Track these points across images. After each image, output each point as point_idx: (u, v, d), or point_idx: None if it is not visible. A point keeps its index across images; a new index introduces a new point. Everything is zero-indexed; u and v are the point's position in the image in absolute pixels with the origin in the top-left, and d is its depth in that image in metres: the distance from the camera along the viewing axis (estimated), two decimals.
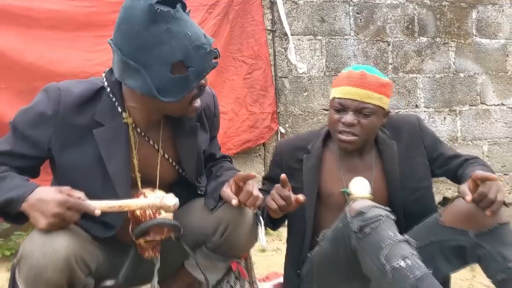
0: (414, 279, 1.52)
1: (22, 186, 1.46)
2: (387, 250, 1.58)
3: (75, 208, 1.42)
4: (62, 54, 2.71)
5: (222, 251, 1.75)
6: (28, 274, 1.41)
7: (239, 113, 3.49)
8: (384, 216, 1.66)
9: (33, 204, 1.41)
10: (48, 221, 1.39)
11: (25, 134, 1.55)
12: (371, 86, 1.89)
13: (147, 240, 1.59)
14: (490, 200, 1.64)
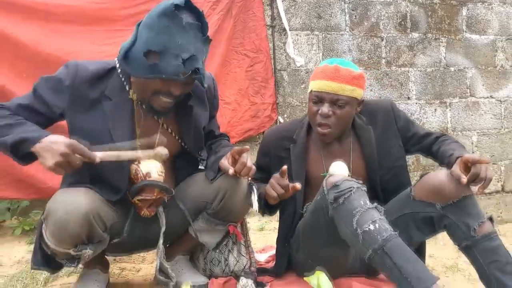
0: (382, 239, 1.74)
1: (38, 130, 1.70)
2: (358, 216, 1.80)
3: (79, 152, 1.63)
4: (77, 46, 2.93)
5: (220, 216, 1.99)
6: (53, 228, 1.68)
7: (242, 103, 3.65)
8: (355, 187, 1.87)
9: (45, 145, 1.63)
10: (55, 160, 1.60)
11: (43, 97, 1.81)
12: (344, 79, 2.05)
13: (141, 199, 1.84)
14: (482, 179, 1.83)
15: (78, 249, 1.72)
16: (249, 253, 2.25)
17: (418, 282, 1.65)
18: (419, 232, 2.06)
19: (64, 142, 1.63)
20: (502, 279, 1.85)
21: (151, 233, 1.99)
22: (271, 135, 2.34)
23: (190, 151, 2.04)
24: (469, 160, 1.88)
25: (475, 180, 1.86)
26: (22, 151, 1.70)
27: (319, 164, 2.21)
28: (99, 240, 1.79)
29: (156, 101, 1.83)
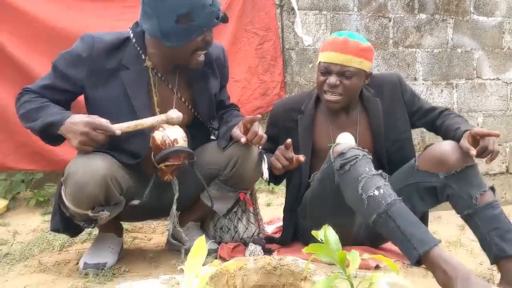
0: (386, 204, 1.80)
1: (60, 113, 1.81)
2: (364, 182, 1.86)
3: (99, 128, 1.74)
4: (91, 22, 2.99)
5: (232, 183, 2.07)
6: (72, 189, 1.75)
7: (251, 81, 3.70)
8: (361, 155, 1.93)
9: (67, 126, 1.75)
10: (78, 139, 1.73)
11: (63, 72, 1.90)
12: (352, 51, 2.11)
13: (167, 164, 1.91)
14: (490, 151, 1.92)
15: (96, 211, 1.80)
16: (257, 220, 2.32)
17: (420, 244, 1.72)
18: (423, 202, 2.11)
19: (82, 122, 1.75)
20: (502, 246, 1.91)
21: (164, 200, 2.06)
22: (279, 107, 2.41)
23: (202, 119, 2.11)
24: (479, 133, 1.94)
25: (484, 153, 1.93)
26: (51, 134, 1.83)
27: (326, 135, 2.27)
28: (116, 203, 1.86)
29: (194, 59, 1.93)
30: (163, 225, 2.92)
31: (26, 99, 1.90)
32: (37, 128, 1.82)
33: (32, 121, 1.84)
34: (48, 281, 1.91)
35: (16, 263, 2.17)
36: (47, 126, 1.80)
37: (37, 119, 1.82)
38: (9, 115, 2.83)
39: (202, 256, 1.30)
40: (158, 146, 1.89)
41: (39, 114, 1.83)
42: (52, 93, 1.91)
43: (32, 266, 2.11)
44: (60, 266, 2.11)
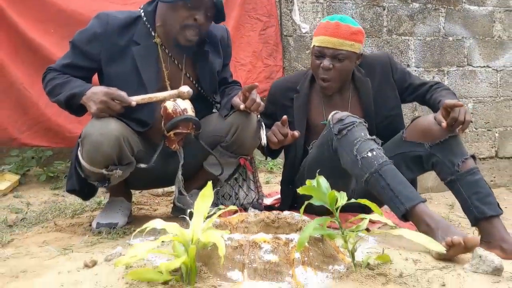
0: (378, 164, 1.97)
1: (82, 85, 2.01)
2: (359, 145, 2.03)
3: (117, 98, 1.94)
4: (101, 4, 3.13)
5: (233, 149, 2.23)
6: (89, 148, 1.93)
7: (256, 65, 3.86)
8: (358, 122, 2.10)
9: (89, 96, 1.95)
10: (97, 106, 1.93)
11: (82, 49, 2.08)
12: (344, 34, 2.26)
13: (176, 132, 2.07)
14: (460, 121, 2.06)
15: (109, 170, 1.97)
16: (257, 187, 2.49)
17: (407, 200, 1.89)
18: (409, 171, 2.27)
19: (102, 92, 1.96)
20: (481, 208, 2.07)
21: (170, 168, 2.22)
22: (277, 86, 2.58)
23: (206, 94, 2.28)
24: (448, 105, 2.09)
25: (455, 123, 2.08)
26: (74, 105, 2.03)
27: (319, 113, 2.44)
28: (128, 163, 2.03)
29: (183, 36, 2.07)
30: (166, 200, 3.09)
31: (50, 76, 2.09)
32: (63, 100, 2.02)
33: (58, 94, 2.04)
34: (64, 237, 2.08)
35: (32, 226, 2.34)
36: (71, 97, 2.00)
37: (62, 92, 2.02)
38: (24, 94, 3.01)
39: (209, 200, 1.46)
40: (169, 114, 2.05)
41: (64, 88, 2.03)
42: (72, 70, 2.10)
43: (49, 227, 2.28)
44: (74, 227, 2.28)
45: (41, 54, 3.01)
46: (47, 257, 1.73)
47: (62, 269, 1.53)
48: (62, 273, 1.49)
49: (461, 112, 2.07)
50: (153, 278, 1.33)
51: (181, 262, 1.29)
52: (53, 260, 1.69)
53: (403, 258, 1.65)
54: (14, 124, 3.04)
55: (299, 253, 1.44)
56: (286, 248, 1.45)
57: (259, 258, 1.41)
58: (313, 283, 1.38)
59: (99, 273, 1.45)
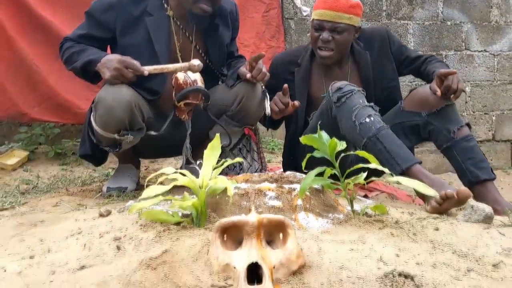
0: (375, 129, 2.07)
1: (98, 52, 2.10)
2: (357, 111, 2.13)
3: (130, 67, 2.02)
4: None
5: (238, 118, 2.31)
6: (102, 112, 2.02)
7: (260, 46, 3.92)
8: (356, 90, 2.20)
9: (103, 62, 2.03)
10: (111, 73, 2.01)
11: (98, 19, 2.17)
12: (342, 8, 2.35)
13: (186, 102, 2.16)
14: (453, 89, 2.16)
15: (121, 135, 2.06)
16: (260, 158, 2.58)
17: (403, 161, 1.99)
18: (407, 140, 2.36)
19: (117, 59, 2.04)
20: (476, 172, 2.17)
21: (177, 138, 2.31)
22: (278, 60, 2.66)
23: (214, 67, 2.37)
24: (442, 74, 2.19)
25: (448, 92, 2.18)
26: (90, 71, 2.11)
27: (320, 86, 2.53)
28: (138, 128, 2.12)
29: (196, 8, 2.16)
30: None
31: (67, 45, 2.18)
32: (79, 66, 2.10)
33: (75, 62, 2.12)
34: (76, 199, 2.18)
35: (45, 193, 2.43)
36: (87, 63, 2.08)
37: (78, 59, 2.11)
38: (34, 70, 3.10)
39: (218, 151, 1.56)
40: (180, 85, 2.14)
41: (80, 55, 2.12)
42: (87, 41, 2.19)
43: (61, 192, 2.38)
44: (85, 192, 2.38)
45: (51, 32, 3.10)
46: (62, 212, 1.83)
47: (79, 218, 1.62)
48: (79, 221, 1.58)
49: (454, 81, 2.17)
50: (166, 219, 1.42)
51: (192, 202, 1.39)
52: (68, 214, 1.79)
53: (399, 212, 1.75)
54: (24, 99, 3.13)
55: (301, 200, 1.53)
56: (289, 196, 1.55)
57: (264, 204, 1.51)
58: (314, 227, 1.48)
59: (114, 220, 1.55)
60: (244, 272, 1.03)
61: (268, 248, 1.13)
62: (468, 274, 1.18)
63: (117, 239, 1.32)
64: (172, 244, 1.24)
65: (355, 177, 1.56)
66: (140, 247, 1.26)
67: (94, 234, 1.41)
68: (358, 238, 1.37)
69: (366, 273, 1.13)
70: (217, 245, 1.12)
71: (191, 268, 1.12)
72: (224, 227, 1.14)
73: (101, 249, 1.27)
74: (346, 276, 1.11)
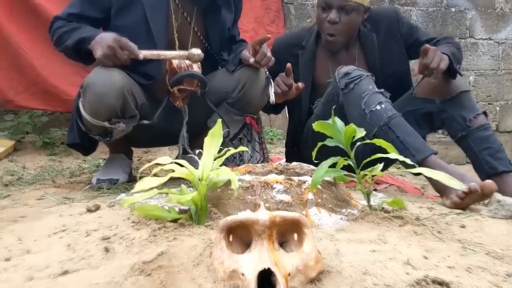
0: (387, 117, 1.92)
1: (92, 30, 1.91)
2: (367, 98, 1.98)
3: (125, 48, 1.84)
4: None
5: (239, 106, 2.15)
6: (92, 99, 1.84)
7: (259, 32, 3.77)
8: (365, 75, 2.05)
9: (97, 40, 1.85)
10: (103, 51, 1.82)
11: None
12: None
13: (181, 88, 2.00)
14: (431, 69, 1.95)
15: (112, 123, 1.89)
16: (262, 149, 2.42)
17: (417, 152, 1.83)
18: (419, 129, 2.21)
19: (112, 37, 1.86)
20: (493, 163, 2.03)
21: (173, 126, 2.15)
22: (280, 42, 2.49)
23: (214, 51, 2.20)
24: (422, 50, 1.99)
25: (427, 70, 1.97)
26: (83, 50, 1.92)
27: (325, 71, 2.37)
28: (131, 116, 1.95)
29: None
30: None
31: (58, 25, 1.99)
32: (71, 45, 1.92)
33: (66, 41, 1.94)
34: (63, 191, 2.01)
35: (30, 185, 2.26)
36: (80, 41, 1.90)
37: (70, 38, 1.92)
38: (20, 54, 2.92)
39: (219, 139, 1.39)
40: (174, 69, 1.97)
41: (72, 34, 1.93)
42: (79, 21, 2.00)
43: (46, 184, 2.21)
44: (73, 184, 2.21)
45: (39, 14, 2.91)
46: (47, 206, 1.66)
47: (64, 213, 1.46)
48: (63, 216, 1.42)
49: (434, 59, 1.96)
50: (161, 216, 1.26)
51: (191, 196, 1.23)
52: (53, 208, 1.62)
53: (417, 207, 1.60)
54: (10, 85, 2.94)
55: (312, 194, 1.38)
56: (298, 189, 1.39)
57: (271, 198, 1.35)
58: (327, 224, 1.32)
59: (103, 216, 1.39)
60: (254, 280, 0.87)
61: (282, 251, 0.97)
62: (508, 280, 1.03)
63: (105, 238, 1.16)
64: (169, 245, 1.08)
65: (372, 168, 1.40)
66: (132, 248, 1.10)
67: (80, 232, 1.25)
68: (378, 237, 1.22)
69: (394, 279, 0.97)
70: (222, 248, 0.96)
71: (191, 275, 0.96)
72: (230, 226, 0.98)
73: (87, 251, 1.10)
74: (372, 283, 0.95)
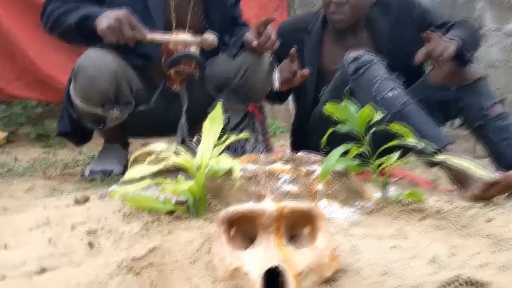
0: (400, 104, 1.79)
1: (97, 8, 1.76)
2: (378, 84, 1.84)
3: (133, 26, 1.70)
4: None
5: (241, 93, 2.01)
6: (83, 83, 1.71)
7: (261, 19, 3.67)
8: (376, 60, 1.91)
9: (104, 15, 1.69)
10: (109, 23, 1.66)
11: None
12: None
13: (178, 70, 1.86)
14: (434, 57, 1.82)
15: (105, 109, 1.76)
16: (265, 140, 2.29)
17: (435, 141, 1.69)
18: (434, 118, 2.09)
19: (121, 12, 1.70)
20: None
21: (171, 113, 2.01)
22: (285, 26, 2.35)
23: None
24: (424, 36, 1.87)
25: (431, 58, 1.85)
26: (87, 29, 1.73)
27: (332, 57, 2.22)
28: (126, 102, 1.82)
29: None
30: None
31: (53, 7, 1.82)
32: (74, 22, 1.74)
33: (65, 21, 1.77)
34: (53, 184, 1.88)
35: (19, 176, 2.13)
36: (84, 18, 1.73)
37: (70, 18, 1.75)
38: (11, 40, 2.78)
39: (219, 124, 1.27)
40: (171, 50, 1.85)
41: (73, 13, 1.76)
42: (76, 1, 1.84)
43: (37, 176, 2.08)
44: (64, 176, 2.09)
45: None
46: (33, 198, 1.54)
47: (49, 206, 1.33)
48: (48, 209, 1.29)
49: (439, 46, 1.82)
50: (154, 207, 1.13)
51: (188, 186, 1.10)
52: (38, 201, 1.49)
53: (435, 200, 1.47)
54: (1, 73, 2.81)
55: (322, 185, 1.25)
56: (307, 179, 1.26)
57: (277, 189, 1.22)
58: (339, 218, 1.20)
59: (91, 208, 1.26)
60: (260, 280, 0.75)
61: (291, 247, 0.84)
62: None
63: (91, 232, 1.03)
64: (163, 240, 0.96)
65: (388, 156, 1.27)
66: (120, 243, 0.97)
67: (64, 226, 1.12)
68: (397, 231, 1.09)
69: (421, 280, 0.84)
70: (223, 242, 0.83)
71: (187, 273, 0.83)
72: (231, 218, 0.85)
73: (70, 246, 0.98)
74: (396, 284, 0.82)
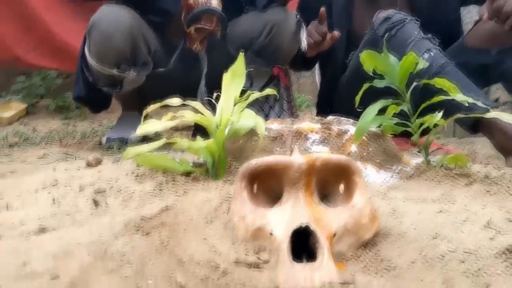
0: (437, 66, 1.64)
1: None
2: (412, 45, 1.70)
3: None
4: None
5: (266, 53, 1.88)
6: (97, 40, 1.61)
7: None
8: (408, 19, 1.76)
9: None
10: None
11: None
12: None
13: (198, 28, 1.74)
14: (505, 13, 1.59)
15: (122, 70, 1.66)
16: (291, 108, 2.16)
17: None
18: None
19: None
20: None
21: (191, 76, 1.90)
22: None
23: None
24: None
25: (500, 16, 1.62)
26: None
27: (363, 20, 2.07)
28: (143, 63, 1.72)
29: None
30: None
31: None
32: None
33: None
34: (69, 151, 1.79)
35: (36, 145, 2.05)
36: None
37: None
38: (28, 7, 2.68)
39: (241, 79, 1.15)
40: (190, 5, 1.72)
41: None
42: None
43: (53, 144, 2.00)
44: (81, 145, 2.00)
45: None
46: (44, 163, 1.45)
47: (59, 168, 1.23)
48: (57, 171, 1.19)
49: (508, 2, 1.58)
50: (170, 167, 1.02)
51: (206, 145, 0.98)
52: (50, 165, 1.40)
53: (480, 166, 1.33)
54: (18, 42, 2.71)
55: (356, 146, 1.12)
56: (339, 140, 1.14)
57: (305, 150, 1.10)
58: (376, 181, 1.07)
59: (103, 171, 1.16)
60: (287, 240, 0.63)
61: (323, 205, 0.72)
62: None
63: (99, 192, 0.93)
64: (177, 200, 0.85)
65: (431, 115, 1.13)
66: (130, 202, 0.87)
67: (72, 187, 1.02)
68: (442, 196, 0.96)
69: (476, 244, 0.72)
70: (244, 199, 0.71)
71: (203, 233, 0.72)
72: (254, 172, 0.73)
73: (75, 205, 0.88)
74: (447, 249, 0.70)
